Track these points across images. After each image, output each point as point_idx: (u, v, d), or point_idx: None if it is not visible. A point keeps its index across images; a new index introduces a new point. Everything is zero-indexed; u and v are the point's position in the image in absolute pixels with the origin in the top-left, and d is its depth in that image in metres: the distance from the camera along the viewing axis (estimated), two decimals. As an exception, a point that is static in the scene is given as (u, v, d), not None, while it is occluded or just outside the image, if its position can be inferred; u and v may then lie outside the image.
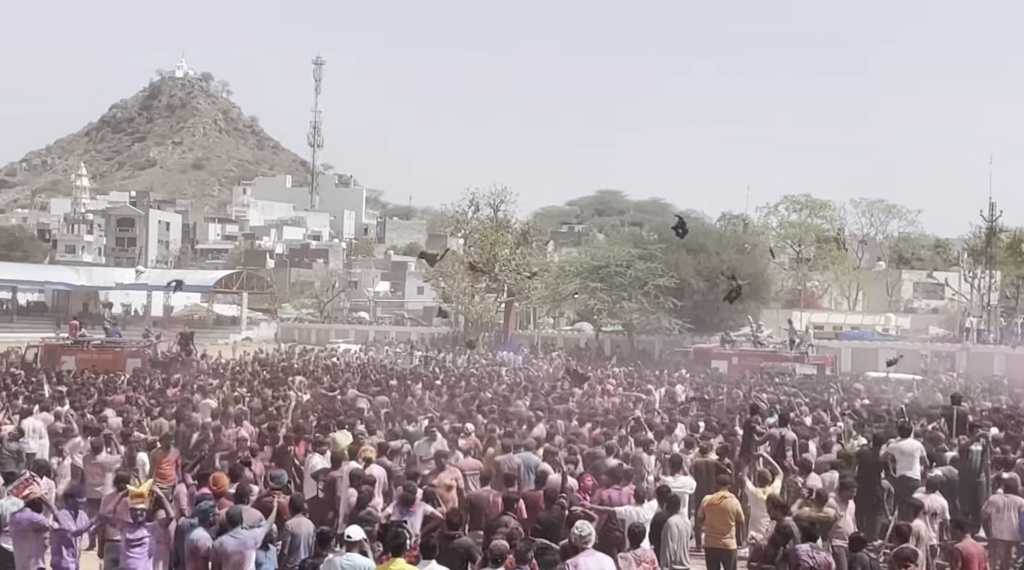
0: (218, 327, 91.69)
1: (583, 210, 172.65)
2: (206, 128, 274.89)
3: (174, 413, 24.39)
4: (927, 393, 39.79)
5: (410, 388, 33.06)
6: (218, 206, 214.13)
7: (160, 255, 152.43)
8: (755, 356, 56.95)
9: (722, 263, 67.98)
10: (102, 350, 46.74)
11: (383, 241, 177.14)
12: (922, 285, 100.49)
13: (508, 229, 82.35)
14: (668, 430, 23.11)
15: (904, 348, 65.67)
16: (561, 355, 64.23)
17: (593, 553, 12.27)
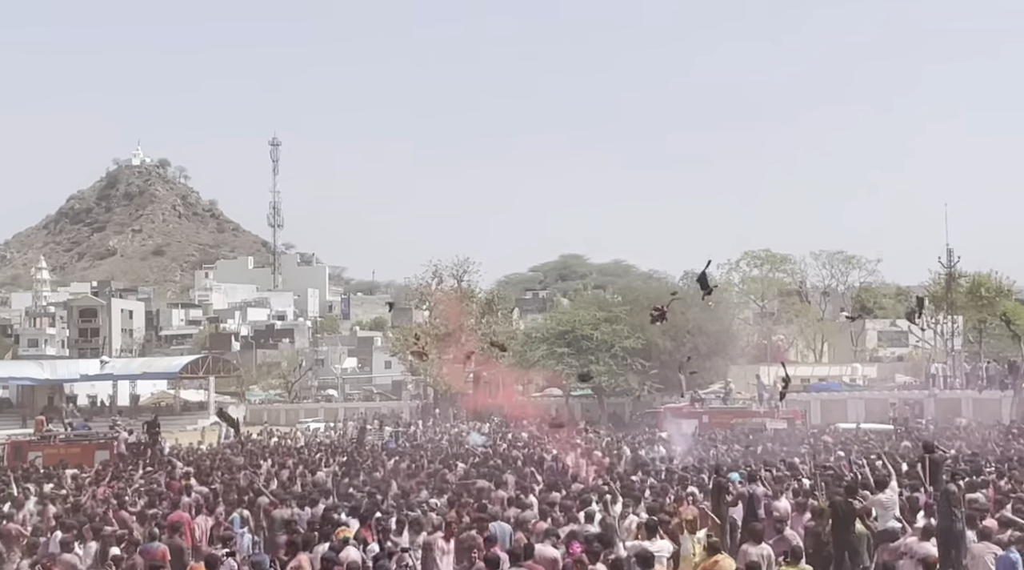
0: (186, 413, 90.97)
1: (546, 276, 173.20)
2: (165, 214, 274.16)
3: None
4: (895, 442, 39.99)
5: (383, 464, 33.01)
6: (181, 291, 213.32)
7: (124, 344, 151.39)
8: (726, 413, 57.20)
9: (687, 322, 68.38)
10: (70, 444, 46.33)
11: (348, 317, 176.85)
12: (886, 333, 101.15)
13: (472, 299, 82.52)
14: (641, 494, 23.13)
15: (872, 397, 66.15)
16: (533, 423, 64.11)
17: None
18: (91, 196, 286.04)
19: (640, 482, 25.51)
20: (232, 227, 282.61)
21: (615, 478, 25.98)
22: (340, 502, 23.71)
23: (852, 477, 22.58)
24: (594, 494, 22.78)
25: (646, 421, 60.29)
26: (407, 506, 22.37)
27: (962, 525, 18.80)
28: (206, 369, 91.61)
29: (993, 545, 17.67)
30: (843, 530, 19.00)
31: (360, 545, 17.95)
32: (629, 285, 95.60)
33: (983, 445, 38.24)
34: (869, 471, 24.54)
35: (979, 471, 25.07)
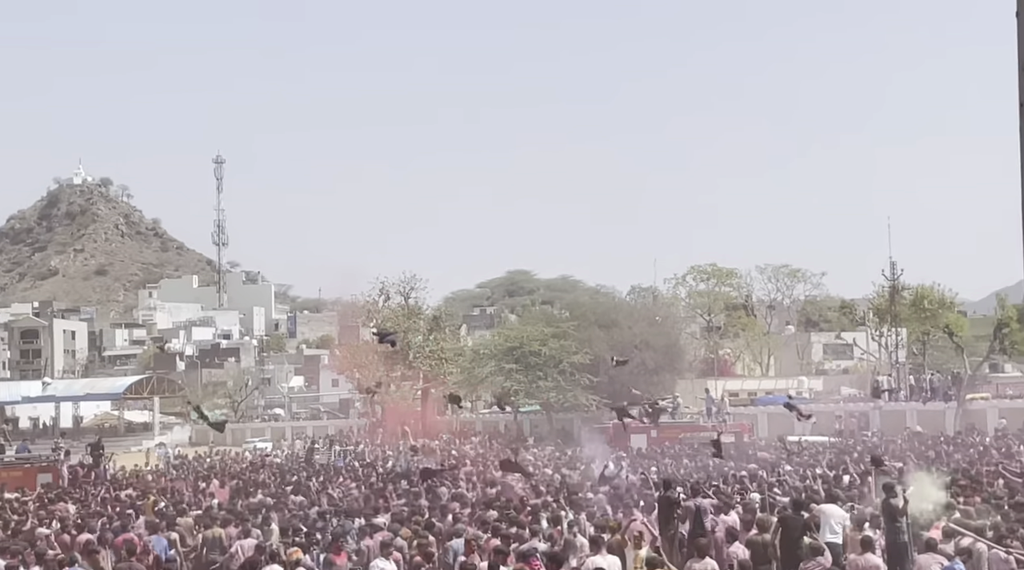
0: (130, 434, 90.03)
1: (493, 292, 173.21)
2: (108, 233, 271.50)
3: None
4: (838, 455, 40.18)
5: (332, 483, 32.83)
6: (124, 311, 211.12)
7: (67, 365, 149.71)
8: (674, 428, 57.34)
9: (634, 336, 68.65)
10: (11, 467, 45.67)
11: (295, 336, 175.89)
12: (831, 346, 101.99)
13: (420, 316, 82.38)
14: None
15: (818, 410, 66.50)
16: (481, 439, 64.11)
17: None
18: (32, 216, 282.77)
19: (588, 498, 25.48)
20: (176, 245, 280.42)
21: (563, 494, 25.94)
22: (289, 522, 23.56)
23: (800, 491, 22.69)
24: (543, 511, 22.78)
25: (595, 437, 60.21)
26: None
27: (906, 537, 18.95)
28: (151, 390, 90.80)
29: (939, 556, 17.83)
30: (791, 544, 19.07)
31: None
32: (576, 300, 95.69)
33: (934, 456, 38.56)
34: (818, 485, 24.74)
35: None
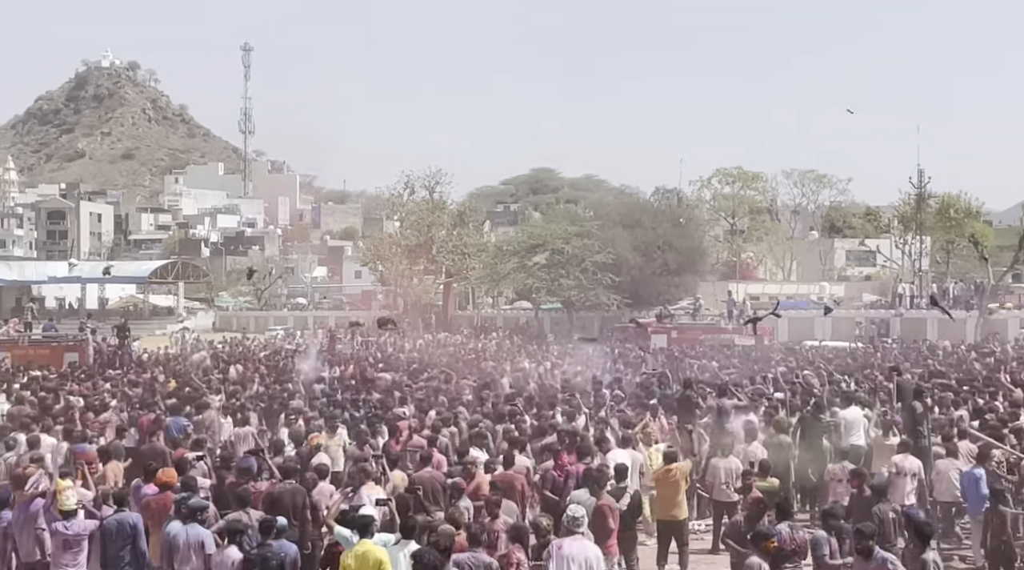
0: (155, 318, 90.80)
1: (518, 189, 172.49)
2: (135, 118, 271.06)
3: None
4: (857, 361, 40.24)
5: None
6: (150, 196, 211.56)
7: (93, 247, 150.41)
8: (694, 329, 57.44)
9: (658, 238, 68.53)
10: (38, 345, 46.19)
11: (319, 226, 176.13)
12: (854, 253, 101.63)
13: (444, 210, 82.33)
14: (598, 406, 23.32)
15: (839, 316, 66.50)
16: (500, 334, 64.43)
17: (580, 538, 12.34)
18: (60, 97, 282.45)
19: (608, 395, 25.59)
20: (202, 132, 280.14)
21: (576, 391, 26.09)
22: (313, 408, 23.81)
23: (820, 393, 22.79)
24: (558, 407, 22.99)
25: (615, 336, 60.44)
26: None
27: (927, 442, 19.09)
28: (175, 274, 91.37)
29: (958, 462, 18.03)
30: (809, 445, 19.23)
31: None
32: (601, 200, 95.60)
33: (958, 364, 38.57)
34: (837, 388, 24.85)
35: (955, 390, 25.42)
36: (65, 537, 13.35)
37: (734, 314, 60.36)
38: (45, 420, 21.66)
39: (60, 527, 13.41)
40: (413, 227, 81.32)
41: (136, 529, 13.44)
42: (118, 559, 13.34)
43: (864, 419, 20.05)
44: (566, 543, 12.13)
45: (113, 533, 13.34)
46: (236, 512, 13.83)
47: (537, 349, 48.54)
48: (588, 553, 12.15)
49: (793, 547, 12.87)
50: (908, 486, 17.22)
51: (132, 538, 13.38)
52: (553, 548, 12.08)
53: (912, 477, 17.28)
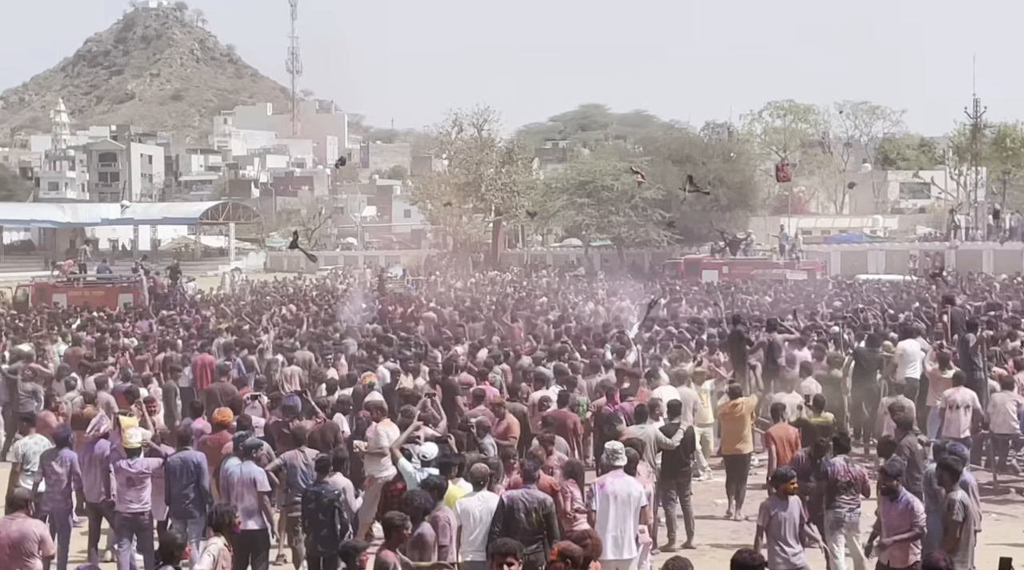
0: (207, 258, 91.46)
1: (566, 126, 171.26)
2: (183, 59, 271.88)
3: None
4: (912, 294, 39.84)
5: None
6: (199, 137, 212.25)
7: (144, 189, 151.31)
8: (746, 264, 57.10)
9: (708, 173, 67.91)
10: (93, 287, 46.68)
11: (367, 165, 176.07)
12: (908, 185, 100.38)
13: (492, 148, 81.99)
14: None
15: (893, 249, 65.92)
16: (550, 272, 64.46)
17: (622, 474, 12.37)
18: (108, 39, 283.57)
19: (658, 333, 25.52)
20: (250, 73, 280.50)
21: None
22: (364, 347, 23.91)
23: (875, 326, 22.61)
24: (608, 344, 22.98)
25: (667, 272, 60.22)
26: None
27: (982, 374, 18.88)
28: (226, 215, 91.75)
29: (1014, 394, 17.85)
30: (864, 379, 19.09)
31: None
32: (650, 135, 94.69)
33: (1014, 296, 38.13)
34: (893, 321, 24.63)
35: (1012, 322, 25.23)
36: (129, 474, 13.57)
37: (786, 248, 59.91)
38: (101, 360, 21.93)
39: (124, 465, 13.63)
40: (462, 165, 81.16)
41: (200, 468, 13.63)
42: (182, 497, 13.54)
43: (921, 352, 19.86)
44: (608, 480, 12.17)
45: (177, 471, 13.55)
46: (292, 450, 13.96)
47: (587, 286, 48.44)
48: (631, 489, 12.20)
49: (848, 479, 12.92)
50: (963, 419, 17.13)
51: (196, 476, 13.57)
52: (595, 486, 12.12)
53: (966, 410, 17.21)
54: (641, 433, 14.48)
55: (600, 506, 11.90)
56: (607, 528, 11.77)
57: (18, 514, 11.44)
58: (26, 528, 11.29)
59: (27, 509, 11.57)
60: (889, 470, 11.77)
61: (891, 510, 11.51)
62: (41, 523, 12.02)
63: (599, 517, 11.82)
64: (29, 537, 11.22)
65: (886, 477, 11.66)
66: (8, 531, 11.22)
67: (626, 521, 11.92)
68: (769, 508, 11.76)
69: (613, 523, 11.83)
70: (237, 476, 13.03)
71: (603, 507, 11.90)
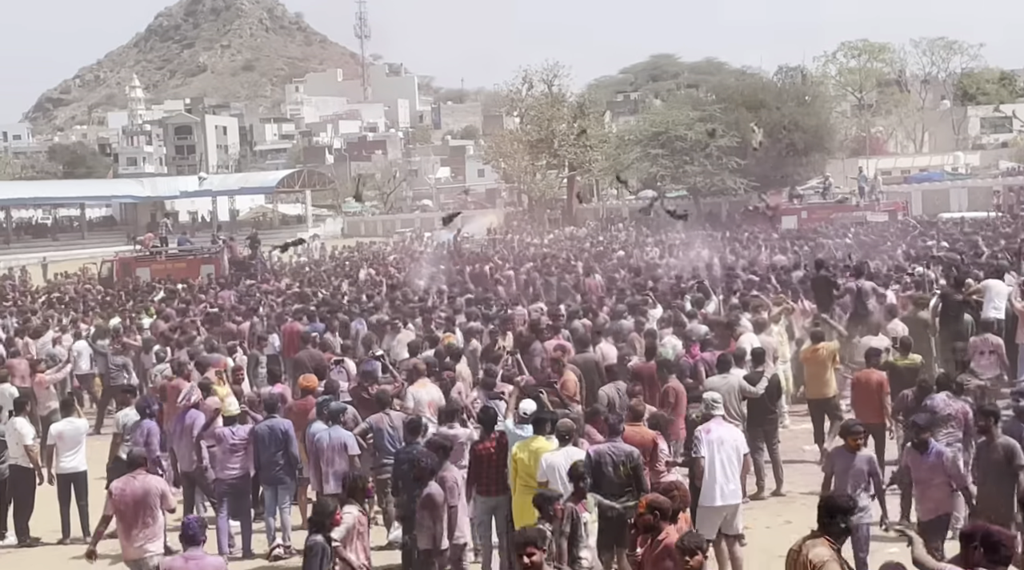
0: (284, 227, 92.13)
1: (637, 77, 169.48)
2: (252, 28, 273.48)
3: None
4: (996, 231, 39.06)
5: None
6: (272, 106, 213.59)
7: (220, 160, 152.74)
8: (825, 208, 56.43)
9: (783, 117, 67.11)
10: (175, 259, 47.25)
11: (439, 127, 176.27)
12: (989, 120, 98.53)
13: (564, 103, 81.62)
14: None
15: (975, 186, 64.78)
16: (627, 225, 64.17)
17: (722, 422, 12.44)
18: (178, 12, 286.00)
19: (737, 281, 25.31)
20: (319, 39, 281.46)
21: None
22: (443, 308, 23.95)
23: (960, 267, 22.25)
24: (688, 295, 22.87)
25: (746, 219, 59.68)
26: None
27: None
28: (302, 183, 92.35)
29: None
30: (952, 321, 18.79)
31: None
32: (722, 83, 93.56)
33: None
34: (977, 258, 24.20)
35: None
36: (232, 442, 13.92)
37: (865, 190, 59.10)
38: (187, 333, 22.24)
39: (227, 433, 13.99)
40: (533, 122, 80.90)
41: (288, 435, 13.85)
42: (272, 464, 13.79)
43: (1007, 289, 19.48)
44: (713, 427, 12.17)
45: (266, 439, 13.79)
46: (378, 414, 14.05)
47: (665, 238, 48.10)
48: (736, 435, 12.32)
49: (949, 413, 12.78)
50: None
51: (284, 443, 13.80)
52: (702, 432, 12.09)
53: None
54: (724, 383, 14.42)
55: (708, 453, 11.88)
56: (715, 474, 11.77)
57: (139, 471, 12.06)
58: (149, 484, 11.95)
59: (147, 466, 12.30)
60: (919, 422, 11.51)
61: (921, 463, 11.24)
62: (161, 479, 12.57)
63: (707, 464, 11.80)
64: (152, 492, 11.87)
65: (917, 429, 11.38)
66: (132, 488, 11.85)
67: (733, 466, 11.95)
68: (834, 458, 11.63)
69: (720, 469, 11.83)
70: (327, 441, 13.15)
71: (710, 454, 11.89)
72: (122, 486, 11.91)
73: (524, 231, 65.14)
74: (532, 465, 11.71)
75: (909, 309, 19.29)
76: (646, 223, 62.27)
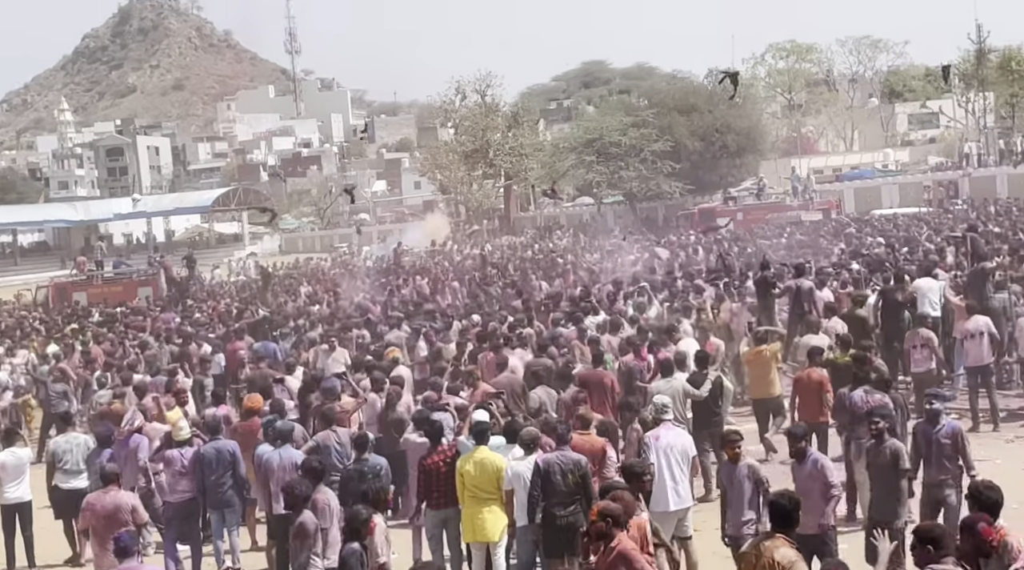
0: (221, 246, 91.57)
1: (569, 84, 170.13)
2: (181, 47, 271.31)
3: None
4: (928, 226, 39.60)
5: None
6: (204, 125, 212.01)
7: (154, 181, 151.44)
8: (760, 209, 56.99)
9: (715, 120, 67.69)
10: (112, 283, 46.80)
11: (374, 140, 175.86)
12: (916, 116, 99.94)
13: (497, 113, 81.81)
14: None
15: (906, 182, 65.67)
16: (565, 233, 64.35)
17: (671, 427, 12.55)
18: (105, 34, 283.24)
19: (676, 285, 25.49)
20: (250, 56, 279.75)
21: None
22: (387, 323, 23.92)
23: (895, 263, 22.58)
24: (631, 299, 23.01)
25: (680, 223, 60.12)
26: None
27: (998, 302, 18.89)
28: (237, 201, 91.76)
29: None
30: (891, 318, 19.04)
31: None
32: (654, 87, 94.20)
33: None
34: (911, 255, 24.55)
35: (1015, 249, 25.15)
36: (182, 464, 13.82)
37: (799, 190, 59.76)
38: (127, 358, 22.05)
39: (176, 455, 13.92)
40: (468, 133, 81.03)
41: (235, 456, 13.79)
42: (219, 486, 13.68)
43: (938, 286, 19.80)
44: (662, 433, 12.27)
45: (212, 461, 13.67)
46: (324, 431, 14.03)
47: (603, 244, 48.34)
48: (684, 441, 12.39)
49: (868, 409, 12.78)
50: (981, 347, 17.21)
51: (232, 465, 13.73)
52: (650, 439, 12.19)
53: (981, 336, 17.34)
54: (668, 387, 14.55)
55: (657, 459, 11.95)
56: (666, 479, 11.85)
57: (111, 487, 12.49)
58: (119, 499, 12.40)
59: (117, 482, 12.69)
60: (796, 432, 11.47)
61: (800, 473, 11.09)
62: (132, 494, 12.95)
63: (657, 470, 11.83)
64: (122, 507, 12.29)
65: (793, 439, 11.30)
66: (103, 503, 12.33)
67: (683, 471, 12.07)
68: (721, 471, 11.76)
69: (670, 474, 11.93)
70: (276, 462, 13.06)
71: (659, 460, 11.96)
72: (94, 501, 12.41)
73: (463, 241, 65.13)
74: (479, 476, 11.78)
75: (848, 307, 19.56)
76: (584, 230, 62.55)
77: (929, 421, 11.79)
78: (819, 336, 17.44)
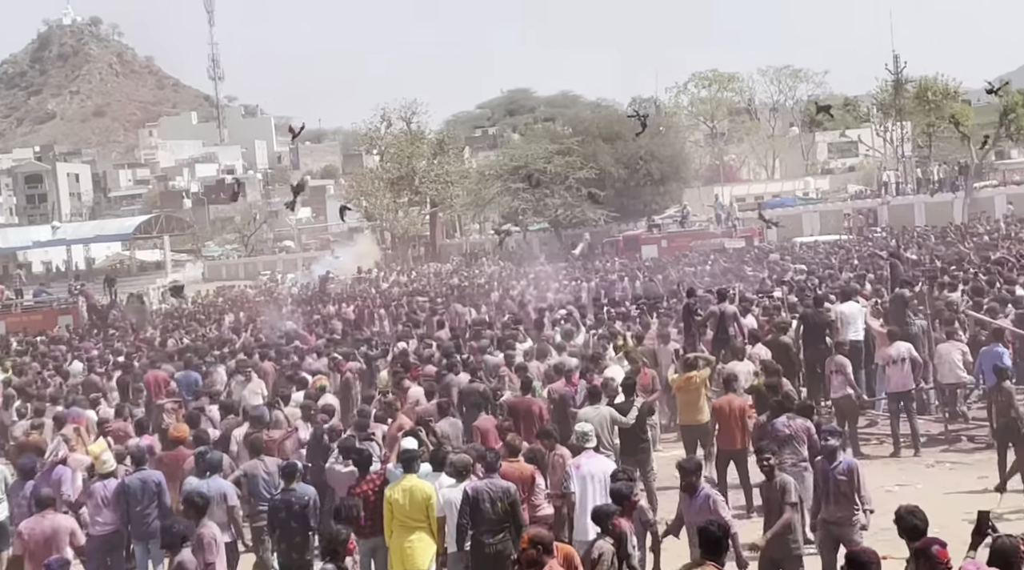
0: (143, 273, 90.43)
1: (494, 112, 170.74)
2: (102, 74, 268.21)
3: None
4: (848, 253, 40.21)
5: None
6: (126, 151, 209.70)
7: (74, 208, 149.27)
8: (684, 237, 57.51)
9: (639, 148, 68.22)
10: (31, 311, 46.14)
11: (298, 167, 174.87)
12: (836, 145, 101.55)
13: (423, 140, 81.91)
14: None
15: (826, 209, 66.59)
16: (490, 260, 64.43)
17: (593, 454, 12.61)
18: (24, 59, 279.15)
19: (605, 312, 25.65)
20: (172, 83, 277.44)
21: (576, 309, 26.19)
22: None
23: (816, 289, 22.89)
24: (558, 326, 23.11)
25: (605, 251, 60.47)
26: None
27: (918, 328, 19.24)
28: (159, 228, 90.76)
29: (960, 344, 18.17)
30: (813, 343, 19.27)
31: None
32: (578, 115, 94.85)
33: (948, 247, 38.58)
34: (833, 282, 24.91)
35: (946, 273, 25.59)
36: (104, 497, 13.58)
37: (722, 217, 60.39)
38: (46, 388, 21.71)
39: (99, 487, 13.69)
40: (393, 160, 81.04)
41: (161, 486, 13.62)
42: (144, 517, 13.47)
43: (860, 312, 20.09)
44: (583, 461, 12.30)
45: (138, 492, 13.47)
46: (252, 461, 13.91)
47: (528, 271, 48.49)
48: (606, 468, 12.30)
49: (789, 434, 13.07)
50: (902, 373, 17.51)
51: (157, 495, 13.55)
52: (572, 468, 12.22)
53: (903, 363, 17.62)
54: (596, 414, 14.57)
55: (579, 487, 12.01)
56: (587, 508, 11.71)
57: (47, 511, 12.40)
58: (57, 523, 12.32)
59: (54, 506, 12.66)
60: (687, 466, 11.47)
61: (691, 506, 11.16)
62: (70, 518, 12.83)
63: (579, 498, 11.91)
64: (61, 530, 12.23)
65: (684, 473, 11.31)
66: (41, 527, 12.22)
67: (604, 499, 11.84)
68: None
69: (592, 502, 11.80)
70: (206, 492, 12.88)
71: (582, 488, 12.02)
72: (31, 526, 12.23)
73: (389, 269, 64.98)
74: (407, 504, 11.76)
75: (771, 333, 19.76)
76: (509, 257, 62.67)
77: (827, 458, 11.73)
78: (743, 363, 17.61)
